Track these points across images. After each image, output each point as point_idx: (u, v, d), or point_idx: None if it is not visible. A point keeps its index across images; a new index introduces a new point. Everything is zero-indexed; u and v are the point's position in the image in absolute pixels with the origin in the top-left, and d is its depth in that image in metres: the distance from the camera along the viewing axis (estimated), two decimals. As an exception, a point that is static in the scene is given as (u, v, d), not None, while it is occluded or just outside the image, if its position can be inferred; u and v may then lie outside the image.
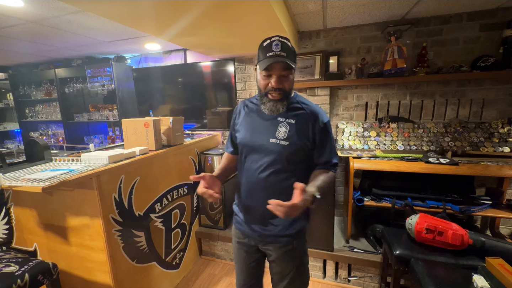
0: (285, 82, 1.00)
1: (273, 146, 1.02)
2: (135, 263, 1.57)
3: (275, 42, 0.96)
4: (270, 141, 1.03)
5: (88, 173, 1.25)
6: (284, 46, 0.95)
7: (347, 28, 2.22)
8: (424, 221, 1.41)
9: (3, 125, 3.99)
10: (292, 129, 1.02)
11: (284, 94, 1.01)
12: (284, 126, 1.03)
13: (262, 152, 1.05)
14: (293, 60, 0.97)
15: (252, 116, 1.11)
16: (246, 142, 1.09)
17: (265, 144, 1.03)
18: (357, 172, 2.18)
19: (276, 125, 1.04)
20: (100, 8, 1.36)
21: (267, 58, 0.95)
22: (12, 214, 1.56)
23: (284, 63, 0.95)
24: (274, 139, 1.02)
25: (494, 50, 1.92)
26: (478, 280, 1.08)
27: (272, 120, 1.05)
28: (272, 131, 1.04)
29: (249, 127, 1.10)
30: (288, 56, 0.95)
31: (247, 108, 1.15)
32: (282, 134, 1.02)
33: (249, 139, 1.08)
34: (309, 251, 1.99)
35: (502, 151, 1.89)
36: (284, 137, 1.02)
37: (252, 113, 1.12)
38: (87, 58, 3.24)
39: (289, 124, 1.03)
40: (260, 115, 1.08)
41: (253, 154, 1.07)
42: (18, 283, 1.11)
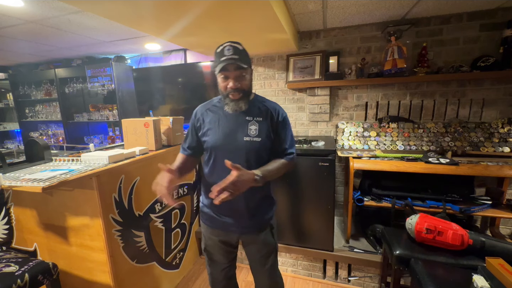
0: (242, 82, 1.08)
1: (247, 144, 1.11)
2: (135, 263, 1.57)
3: (227, 47, 1.04)
4: (244, 140, 1.11)
5: (88, 173, 1.25)
6: (235, 50, 1.04)
7: (347, 28, 2.22)
8: (424, 221, 1.41)
9: (3, 125, 3.99)
10: (261, 126, 1.13)
11: (243, 93, 1.10)
12: (254, 124, 1.12)
13: (236, 151, 1.11)
14: (245, 61, 1.06)
15: (220, 119, 1.15)
16: (220, 144, 1.13)
17: (239, 143, 1.11)
18: (357, 172, 2.18)
19: (246, 124, 1.12)
20: (100, 8, 1.36)
21: (221, 62, 1.03)
22: (12, 214, 1.56)
23: (237, 65, 1.03)
24: (247, 137, 1.11)
25: (494, 50, 1.92)
26: (478, 280, 1.07)
27: (242, 120, 1.13)
28: (243, 130, 1.12)
29: (220, 129, 1.14)
30: (240, 58, 1.03)
31: (211, 112, 1.19)
32: (253, 132, 1.11)
33: (222, 140, 1.12)
34: (309, 251, 2.00)
35: (502, 151, 1.89)
36: (256, 134, 1.11)
37: (218, 116, 1.16)
38: (87, 58, 3.24)
39: (257, 122, 1.13)
40: (227, 116, 1.15)
41: (227, 154, 1.10)
42: (18, 283, 1.11)
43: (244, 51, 1.07)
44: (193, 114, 1.25)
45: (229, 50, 1.03)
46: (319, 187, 1.86)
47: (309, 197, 1.91)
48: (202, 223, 1.30)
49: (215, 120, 1.16)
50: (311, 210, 1.93)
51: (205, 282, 2.04)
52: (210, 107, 1.21)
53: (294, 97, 2.48)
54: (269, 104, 1.19)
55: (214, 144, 1.14)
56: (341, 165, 2.43)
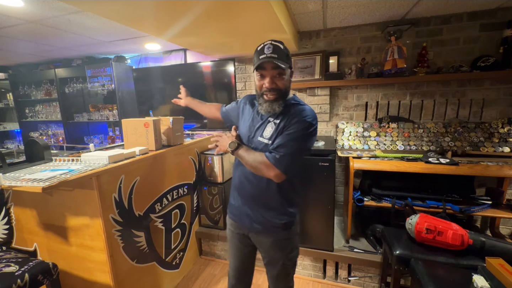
0: (278, 82, 1.04)
1: (259, 144, 1.10)
2: (135, 263, 1.57)
3: (268, 45, 1.01)
4: (258, 139, 1.11)
5: (88, 173, 1.25)
6: (275, 48, 1.01)
7: (347, 28, 2.22)
8: (424, 221, 1.41)
9: (3, 125, 3.99)
10: (276, 129, 1.07)
11: (279, 94, 1.06)
12: (271, 126, 1.09)
13: (251, 146, 1.13)
14: (285, 61, 1.01)
15: (252, 114, 1.19)
16: (242, 137, 1.20)
17: (254, 141, 1.12)
18: (357, 172, 2.18)
19: (266, 124, 1.11)
20: (100, 8, 1.36)
21: (259, 60, 1.01)
22: (12, 214, 1.56)
23: (275, 64, 1.00)
24: (261, 138, 1.10)
25: (494, 50, 1.92)
26: (478, 280, 1.07)
27: (264, 120, 1.12)
28: (261, 130, 1.11)
29: (247, 124, 1.19)
30: (279, 57, 1.00)
31: (250, 107, 1.23)
32: (267, 134, 1.09)
33: (244, 134, 1.18)
34: (309, 251, 1.99)
35: (502, 151, 1.89)
36: (268, 136, 1.08)
37: (252, 111, 1.20)
38: (87, 58, 3.24)
39: (275, 124, 1.08)
40: (257, 114, 1.16)
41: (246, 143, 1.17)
42: (18, 283, 1.11)
43: (285, 51, 1.03)
44: (242, 98, 1.33)
45: (269, 49, 1.00)
46: (319, 187, 1.86)
47: (309, 197, 1.91)
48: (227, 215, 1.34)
49: (248, 115, 1.20)
50: (311, 210, 1.93)
51: (205, 282, 2.04)
52: (251, 101, 1.24)
53: (294, 97, 2.48)
54: (298, 107, 1.08)
55: (240, 134, 1.21)
56: (341, 165, 2.43)
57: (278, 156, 1.00)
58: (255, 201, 1.16)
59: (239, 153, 1.10)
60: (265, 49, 1.00)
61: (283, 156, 1.00)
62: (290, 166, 1.01)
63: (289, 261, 1.21)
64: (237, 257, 1.31)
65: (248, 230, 1.22)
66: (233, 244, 1.30)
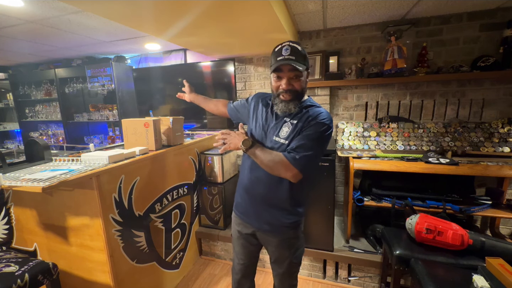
0: (295, 83, 1.05)
1: (275, 144, 1.09)
2: (135, 263, 1.57)
3: (285, 46, 1.01)
4: (273, 139, 1.10)
5: (88, 173, 1.25)
6: (293, 50, 1.01)
7: (347, 28, 2.22)
8: (424, 221, 1.41)
9: (3, 125, 3.99)
10: (293, 129, 1.07)
11: (295, 95, 1.06)
12: (287, 126, 1.09)
13: (266, 145, 1.12)
14: (302, 63, 1.02)
15: (265, 114, 1.18)
16: (254, 136, 1.18)
17: (268, 140, 1.12)
18: (357, 172, 2.18)
19: (281, 124, 1.10)
20: (100, 8, 1.36)
21: (277, 62, 1.02)
22: (12, 214, 1.56)
23: (291, 66, 1.00)
24: (277, 138, 1.09)
25: (494, 50, 1.92)
26: (478, 280, 1.08)
27: (280, 120, 1.12)
28: (277, 130, 1.11)
29: (259, 123, 1.17)
30: (296, 59, 1.00)
31: (262, 106, 1.22)
32: (284, 134, 1.08)
33: (257, 134, 1.17)
34: (309, 251, 1.99)
35: (502, 151, 1.89)
36: (285, 136, 1.07)
37: (265, 110, 1.19)
38: (87, 58, 3.24)
39: (292, 124, 1.08)
40: (272, 113, 1.16)
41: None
42: (18, 283, 1.11)
43: (303, 52, 1.03)
44: (252, 95, 1.31)
45: (286, 50, 1.00)
46: (319, 187, 1.86)
47: (309, 197, 1.91)
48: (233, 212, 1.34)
49: (262, 114, 1.19)
50: (311, 210, 1.93)
51: (205, 282, 2.04)
52: (264, 101, 1.23)
53: (294, 97, 2.48)
54: (315, 109, 1.09)
55: (251, 132, 1.21)
56: (341, 165, 2.43)
57: (297, 157, 1.00)
58: (264, 201, 1.15)
59: (255, 152, 1.07)
60: (282, 51, 1.01)
61: (302, 157, 1.00)
62: (307, 166, 1.02)
63: (296, 259, 1.23)
64: (244, 254, 1.31)
65: (255, 229, 1.22)
66: (239, 242, 1.30)
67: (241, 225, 1.27)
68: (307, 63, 1.05)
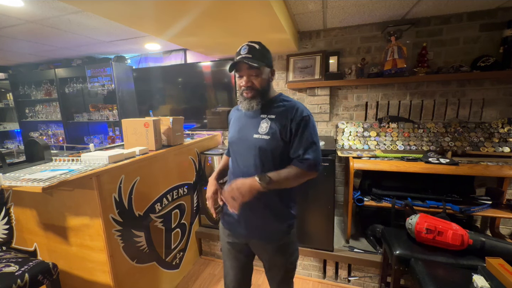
0: (255, 81, 1.07)
1: (256, 141, 1.08)
2: (135, 263, 1.57)
3: (244, 46, 1.06)
4: (253, 137, 1.09)
5: (88, 173, 1.25)
6: (251, 49, 1.04)
7: (347, 28, 2.22)
8: (424, 221, 1.41)
9: (3, 125, 3.99)
10: (273, 124, 1.08)
11: (256, 92, 1.09)
12: (266, 121, 1.10)
13: (249, 150, 1.10)
14: (260, 60, 1.04)
15: (240, 117, 1.20)
16: (233, 140, 1.18)
17: (249, 139, 1.10)
18: (357, 172, 2.18)
19: (259, 121, 1.11)
20: (100, 8, 1.36)
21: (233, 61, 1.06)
22: (12, 214, 1.56)
23: (248, 64, 1.03)
24: (257, 134, 1.09)
25: (494, 50, 1.92)
26: (478, 280, 1.08)
27: (256, 118, 1.12)
28: (255, 127, 1.10)
29: (237, 127, 1.19)
30: (254, 57, 1.03)
31: (237, 111, 1.25)
32: (263, 129, 1.09)
33: (236, 136, 1.17)
34: (309, 251, 1.99)
35: (502, 151, 1.89)
36: (265, 132, 1.08)
37: (240, 115, 1.20)
38: (87, 58, 3.23)
39: (270, 119, 1.09)
40: (246, 115, 1.17)
41: (241, 151, 1.14)
42: (18, 283, 1.11)
43: (261, 50, 1.06)
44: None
45: (244, 50, 1.04)
46: (319, 187, 1.86)
47: (309, 197, 1.91)
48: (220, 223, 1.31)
49: (237, 119, 1.21)
50: (311, 210, 1.93)
51: (205, 282, 2.04)
52: (237, 108, 1.26)
53: (294, 97, 2.48)
54: (290, 103, 1.11)
55: (230, 140, 1.21)
56: (341, 165, 2.43)
57: (307, 161, 1.04)
58: (255, 207, 1.10)
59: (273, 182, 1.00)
60: (241, 50, 1.05)
61: (313, 159, 1.05)
62: (319, 160, 1.08)
63: (291, 264, 1.21)
64: (238, 268, 1.25)
65: (246, 239, 1.18)
66: (230, 256, 1.24)
67: (231, 236, 1.22)
68: (267, 60, 1.07)
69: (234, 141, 1.18)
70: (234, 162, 1.19)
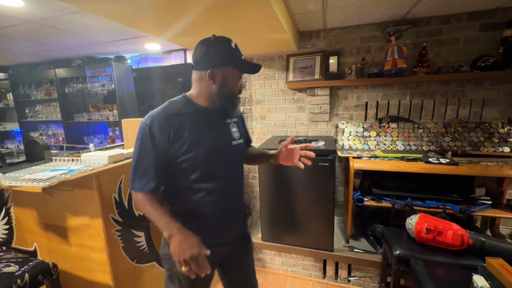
0: None
1: (237, 148, 1.03)
2: (135, 263, 1.57)
3: (236, 44, 1.02)
4: (232, 144, 1.01)
5: (88, 173, 1.25)
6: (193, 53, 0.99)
7: (347, 28, 2.22)
8: (424, 221, 1.41)
9: (3, 125, 3.99)
10: (239, 127, 1.08)
11: None
12: (233, 126, 1.05)
13: (229, 155, 1.00)
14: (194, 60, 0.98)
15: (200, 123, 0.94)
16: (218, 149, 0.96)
17: (229, 147, 1.00)
18: (357, 172, 2.18)
19: (228, 126, 1.02)
20: (100, 8, 1.36)
21: (244, 62, 1.02)
22: (12, 214, 1.56)
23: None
24: (234, 141, 1.02)
25: (494, 50, 1.92)
26: (478, 280, 1.08)
27: (223, 123, 1.01)
28: (228, 134, 1.01)
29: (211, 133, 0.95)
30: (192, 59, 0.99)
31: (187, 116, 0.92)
32: (236, 134, 1.04)
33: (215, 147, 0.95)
34: (309, 251, 2.00)
35: (502, 151, 1.89)
36: (239, 137, 1.05)
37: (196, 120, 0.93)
38: (87, 58, 3.24)
39: (235, 123, 1.06)
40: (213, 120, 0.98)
41: (222, 162, 0.97)
42: (18, 283, 1.11)
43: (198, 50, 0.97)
44: (150, 128, 0.88)
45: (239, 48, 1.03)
46: (319, 187, 1.86)
47: (309, 197, 1.91)
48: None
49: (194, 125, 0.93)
50: (311, 210, 1.93)
51: (205, 282, 2.04)
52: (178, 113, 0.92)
53: (294, 97, 2.48)
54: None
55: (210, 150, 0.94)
56: (341, 165, 2.43)
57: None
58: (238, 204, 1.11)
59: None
60: (239, 49, 1.03)
61: None
62: None
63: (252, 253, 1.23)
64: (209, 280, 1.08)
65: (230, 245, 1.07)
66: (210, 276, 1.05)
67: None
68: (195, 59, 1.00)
69: (218, 150, 0.96)
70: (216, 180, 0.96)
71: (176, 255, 0.84)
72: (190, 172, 0.92)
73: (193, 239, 0.86)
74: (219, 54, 0.95)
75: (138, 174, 0.91)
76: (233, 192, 1.05)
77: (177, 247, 0.84)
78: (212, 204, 0.97)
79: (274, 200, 2.01)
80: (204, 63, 0.95)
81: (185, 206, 0.97)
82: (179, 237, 0.85)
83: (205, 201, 0.96)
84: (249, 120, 2.66)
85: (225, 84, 0.95)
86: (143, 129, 0.89)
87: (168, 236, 0.87)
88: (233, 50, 0.98)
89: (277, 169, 1.95)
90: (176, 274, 0.99)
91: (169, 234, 0.87)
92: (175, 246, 0.84)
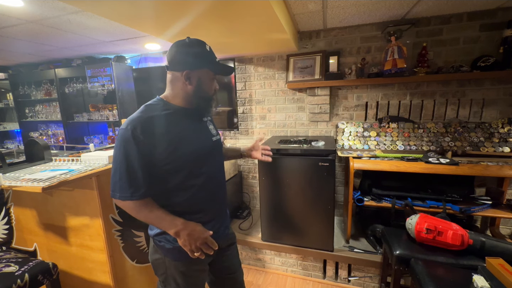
0: None
1: (218, 143, 1.10)
2: (135, 263, 1.57)
3: (210, 47, 1.03)
4: (213, 140, 1.08)
5: (88, 173, 1.25)
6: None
7: (347, 28, 2.22)
8: (424, 221, 1.41)
9: (3, 125, 3.99)
10: (214, 124, 1.15)
11: None
12: (210, 124, 1.11)
13: (212, 153, 1.05)
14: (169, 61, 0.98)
15: (181, 122, 0.96)
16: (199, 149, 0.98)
17: (210, 143, 1.06)
18: (357, 172, 2.18)
19: (205, 124, 1.08)
20: (100, 8, 1.36)
21: (222, 65, 1.06)
22: (12, 214, 1.56)
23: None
24: (214, 137, 1.09)
25: (494, 50, 1.92)
26: (478, 280, 1.08)
27: (201, 121, 1.06)
28: (208, 131, 1.07)
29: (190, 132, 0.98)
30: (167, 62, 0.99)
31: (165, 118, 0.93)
32: (214, 131, 1.11)
33: (200, 144, 0.99)
34: (309, 251, 2.00)
35: (502, 151, 1.89)
36: (216, 133, 1.11)
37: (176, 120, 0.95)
38: (87, 58, 3.23)
39: (210, 121, 1.13)
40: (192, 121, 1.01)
41: (207, 158, 1.01)
42: (18, 283, 1.11)
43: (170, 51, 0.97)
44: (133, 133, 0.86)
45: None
46: (319, 187, 1.86)
47: (309, 197, 1.91)
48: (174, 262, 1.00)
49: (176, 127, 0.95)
50: (311, 210, 1.93)
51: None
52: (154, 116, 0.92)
53: (294, 97, 2.48)
54: None
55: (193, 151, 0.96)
56: (341, 165, 2.43)
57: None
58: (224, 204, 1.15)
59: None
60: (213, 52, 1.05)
61: None
62: None
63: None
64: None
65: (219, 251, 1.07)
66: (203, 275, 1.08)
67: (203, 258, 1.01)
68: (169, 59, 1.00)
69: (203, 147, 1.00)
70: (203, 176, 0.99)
71: (188, 246, 0.91)
72: (177, 172, 0.94)
73: (198, 226, 0.94)
74: (195, 56, 0.96)
75: (125, 182, 0.89)
76: (220, 186, 1.11)
77: (188, 239, 0.90)
78: (201, 199, 1.00)
79: (274, 200, 2.01)
80: (180, 64, 0.95)
81: (174, 206, 0.97)
82: (187, 230, 0.91)
83: (194, 197, 0.98)
84: (249, 120, 2.66)
85: (201, 85, 0.98)
86: (124, 135, 0.87)
87: (175, 233, 0.91)
88: (208, 53, 1.00)
89: (277, 169, 1.95)
90: (172, 276, 1.01)
91: (176, 231, 0.91)
92: (185, 239, 0.90)
